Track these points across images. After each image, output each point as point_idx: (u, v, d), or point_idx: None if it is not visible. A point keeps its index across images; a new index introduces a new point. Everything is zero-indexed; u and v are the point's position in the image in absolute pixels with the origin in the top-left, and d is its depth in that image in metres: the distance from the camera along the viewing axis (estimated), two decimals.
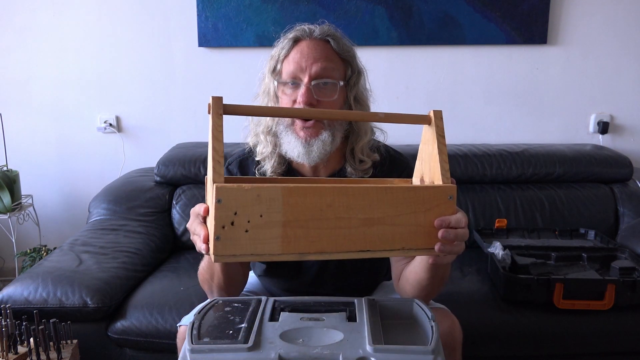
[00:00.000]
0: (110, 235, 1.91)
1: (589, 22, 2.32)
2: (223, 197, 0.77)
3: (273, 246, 0.80)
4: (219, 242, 0.77)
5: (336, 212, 0.81)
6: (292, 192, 0.79)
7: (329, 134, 1.13)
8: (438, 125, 0.92)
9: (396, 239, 0.85)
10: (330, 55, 1.14)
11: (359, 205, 0.82)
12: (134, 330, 1.59)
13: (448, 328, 1.13)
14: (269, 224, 0.79)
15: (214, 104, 0.84)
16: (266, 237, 0.79)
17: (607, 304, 1.56)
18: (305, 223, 0.80)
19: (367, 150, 1.20)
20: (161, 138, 2.44)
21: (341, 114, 1.09)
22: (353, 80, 1.17)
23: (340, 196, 0.82)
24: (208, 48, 2.36)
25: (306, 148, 1.12)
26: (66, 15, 2.36)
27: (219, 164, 0.80)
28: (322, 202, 0.81)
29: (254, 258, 0.80)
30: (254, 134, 1.23)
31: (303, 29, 1.15)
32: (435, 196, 0.86)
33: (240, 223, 0.78)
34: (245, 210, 0.78)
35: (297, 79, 1.12)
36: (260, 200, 0.78)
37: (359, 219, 0.83)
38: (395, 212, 0.84)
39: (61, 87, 2.43)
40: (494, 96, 2.41)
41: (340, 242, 0.82)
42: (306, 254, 0.81)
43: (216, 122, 0.83)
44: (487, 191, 2.14)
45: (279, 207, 0.79)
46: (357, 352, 0.80)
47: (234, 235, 0.78)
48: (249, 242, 0.78)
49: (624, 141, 2.44)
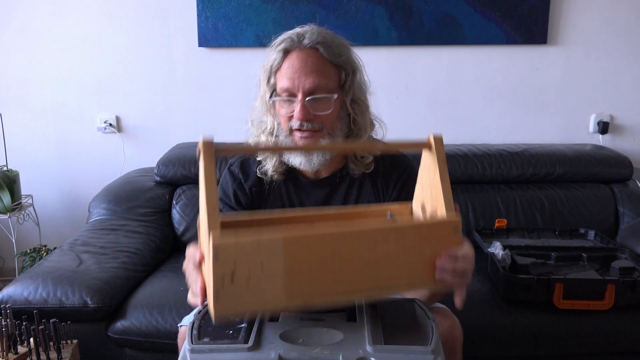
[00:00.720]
0: (110, 235, 1.91)
1: (589, 22, 2.32)
2: (221, 252, 0.73)
3: (276, 297, 0.76)
4: (219, 299, 0.74)
5: (340, 258, 0.79)
6: (294, 243, 0.76)
7: (329, 142, 1.13)
8: (439, 151, 0.88)
9: (402, 277, 0.83)
10: (322, 65, 1.12)
11: (363, 248, 0.80)
12: (134, 330, 1.59)
13: (448, 328, 1.13)
14: (271, 275, 0.75)
15: (205, 149, 0.79)
16: (268, 288, 0.76)
17: (607, 304, 1.56)
18: (308, 271, 0.77)
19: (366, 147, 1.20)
20: (161, 138, 2.44)
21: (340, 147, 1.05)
22: (348, 83, 1.15)
23: (343, 241, 0.79)
24: (208, 48, 2.36)
25: (307, 157, 1.14)
26: (66, 15, 2.36)
27: (213, 214, 0.75)
28: (325, 250, 0.78)
29: (256, 311, 0.78)
30: (255, 136, 1.23)
31: (291, 39, 1.13)
32: (441, 231, 0.84)
33: (241, 277, 0.74)
34: (245, 263, 0.74)
35: (291, 95, 1.12)
36: (261, 252, 0.75)
37: (363, 262, 0.80)
38: (401, 250, 0.82)
39: (61, 87, 2.43)
40: (494, 96, 2.41)
41: (345, 286, 0.80)
42: (310, 301, 0.79)
43: (208, 168, 0.78)
44: (487, 191, 2.14)
45: (281, 258, 0.76)
46: (357, 352, 0.80)
47: (235, 291, 0.74)
48: (250, 296, 0.75)
49: (624, 141, 2.43)
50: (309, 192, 1.21)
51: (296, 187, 1.21)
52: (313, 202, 1.20)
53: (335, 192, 1.21)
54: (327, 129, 1.13)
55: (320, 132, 1.12)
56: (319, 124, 1.12)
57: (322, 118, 1.12)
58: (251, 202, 1.22)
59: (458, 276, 0.87)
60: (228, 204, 1.22)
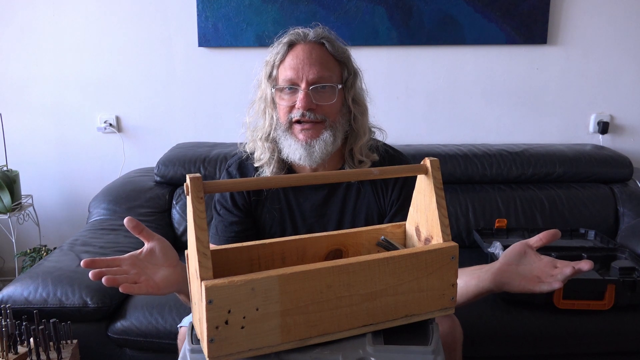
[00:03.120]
0: (110, 235, 1.91)
1: (589, 22, 2.32)
2: (214, 297, 0.70)
3: (272, 338, 0.75)
4: (213, 344, 0.71)
5: (336, 292, 0.77)
6: (289, 280, 0.74)
7: (330, 134, 1.12)
8: (435, 176, 0.86)
9: (399, 308, 0.82)
10: (326, 58, 1.13)
11: (360, 281, 0.78)
12: (134, 330, 1.59)
13: (448, 328, 1.13)
14: (267, 316, 0.73)
15: (193, 186, 0.74)
16: (264, 329, 0.74)
17: (607, 304, 1.56)
18: (304, 308, 0.76)
19: (366, 150, 1.20)
20: (161, 138, 2.44)
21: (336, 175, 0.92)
22: (350, 81, 1.16)
23: (339, 275, 0.77)
24: (208, 48, 2.36)
25: (307, 150, 1.12)
26: (66, 16, 2.36)
27: (205, 257, 0.72)
28: (321, 284, 0.76)
29: (252, 353, 0.75)
30: (251, 141, 1.22)
31: (297, 33, 1.14)
32: (438, 259, 0.83)
33: (235, 320, 0.72)
34: (240, 306, 0.71)
35: (294, 84, 1.12)
36: (255, 293, 0.72)
37: (360, 295, 0.79)
38: (398, 281, 0.81)
39: (61, 87, 2.43)
40: (494, 96, 2.41)
41: (342, 321, 0.79)
42: (307, 339, 0.78)
43: (197, 208, 0.73)
44: (487, 191, 2.14)
45: (276, 297, 0.73)
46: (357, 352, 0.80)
47: (229, 335, 0.72)
48: (245, 339, 0.73)
49: (624, 141, 2.44)
50: (306, 194, 1.20)
51: (294, 190, 1.21)
52: (311, 205, 1.20)
53: (334, 194, 1.20)
54: (330, 121, 1.13)
55: (322, 124, 1.12)
56: (321, 114, 1.12)
57: (325, 109, 1.12)
58: (249, 204, 1.21)
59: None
60: (225, 206, 1.22)
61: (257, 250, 0.90)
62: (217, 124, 2.43)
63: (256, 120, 1.21)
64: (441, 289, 0.85)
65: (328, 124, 1.13)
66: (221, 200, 1.23)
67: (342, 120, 1.16)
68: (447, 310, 0.87)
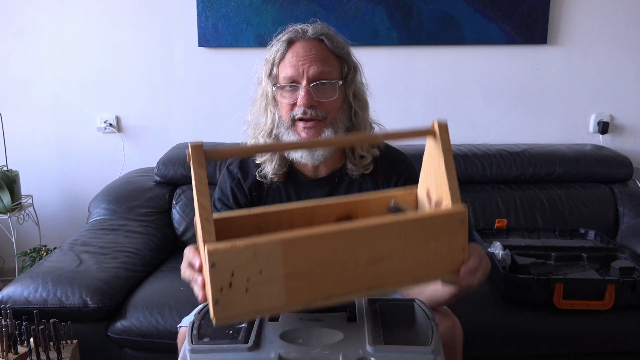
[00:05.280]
0: (110, 235, 1.91)
1: (589, 22, 2.32)
2: (217, 261, 0.71)
3: (276, 300, 0.75)
4: (218, 306, 0.73)
5: (341, 256, 0.76)
6: (292, 244, 0.73)
7: (332, 132, 1.13)
8: (444, 139, 0.83)
9: (406, 272, 0.80)
10: (326, 55, 1.14)
11: (365, 245, 0.77)
12: (134, 330, 1.59)
13: (449, 328, 1.13)
14: (270, 279, 0.73)
15: (194, 153, 0.75)
16: (268, 292, 0.74)
17: (607, 304, 1.56)
18: (308, 272, 0.75)
19: (366, 145, 1.20)
20: (161, 138, 2.44)
21: (341, 141, 1.02)
22: (350, 77, 1.17)
23: (344, 239, 0.76)
24: (208, 48, 2.36)
25: (309, 149, 1.12)
26: (66, 15, 2.36)
27: (207, 222, 0.73)
28: (325, 249, 0.75)
29: (257, 315, 0.76)
30: (252, 138, 1.23)
31: (296, 30, 1.15)
32: (446, 223, 0.81)
33: (239, 283, 0.72)
34: (243, 269, 0.72)
35: (295, 81, 1.12)
36: (258, 257, 0.72)
37: (365, 259, 0.77)
38: (404, 245, 0.79)
39: (61, 87, 2.43)
40: (494, 96, 2.41)
41: (347, 285, 0.77)
42: (313, 302, 0.77)
43: (199, 174, 0.75)
44: (487, 191, 2.14)
45: (279, 261, 0.73)
46: (357, 352, 0.80)
47: (234, 297, 0.73)
48: (250, 301, 0.74)
49: (624, 141, 2.43)
50: (308, 191, 1.21)
51: (296, 187, 1.21)
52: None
53: (335, 191, 1.21)
54: (331, 118, 1.13)
55: (323, 122, 1.12)
56: (322, 112, 1.12)
57: (326, 105, 1.12)
58: (250, 202, 1.21)
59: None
60: (226, 204, 1.22)
61: (265, 218, 0.90)
62: (217, 124, 2.43)
63: (257, 118, 1.22)
64: (450, 253, 0.82)
65: (329, 122, 1.13)
66: (222, 198, 1.23)
67: (342, 116, 1.16)
68: (457, 274, 0.84)
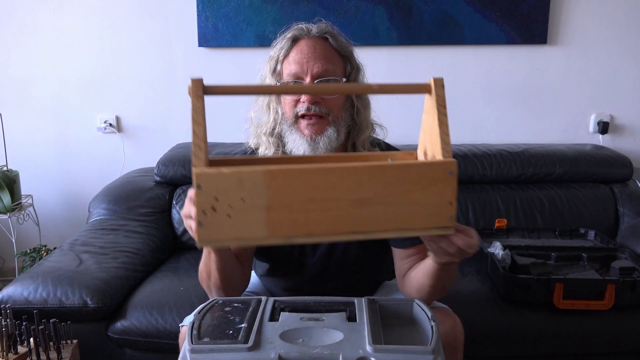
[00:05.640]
0: (110, 235, 1.91)
1: (589, 22, 2.32)
2: (202, 183, 0.75)
3: (258, 230, 0.77)
4: (202, 227, 0.76)
5: (323, 194, 0.77)
6: (275, 175, 0.76)
7: (334, 130, 1.13)
8: (439, 94, 0.86)
9: (390, 220, 0.80)
10: (330, 53, 1.14)
11: (348, 186, 0.78)
12: (134, 330, 1.59)
13: (450, 328, 1.13)
14: (252, 208, 0.76)
15: (194, 86, 0.83)
16: (250, 221, 0.76)
17: (607, 304, 1.55)
18: (290, 206, 0.77)
19: (368, 144, 1.21)
20: (161, 138, 2.44)
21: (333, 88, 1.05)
22: (353, 75, 1.18)
23: (326, 177, 0.77)
24: (208, 48, 2.36)
25: (312, 146, 1.13)
26: (66, 15, 2.36)
27: (199, 149, 0.78)
28: (307, 184, 0.77)
29: (238, 243, 0.79)
30: (255, 136, 1.23)
31: (301, 28, 1.16)
32: (432, 173, 0.80)
33: (222, 208, 0.75)
34: (227, 195, 0.75)
35: (299, 78, 1.13)
36: (242, 184, 0.75)
37: (348, 200, 0.78)
38: (389, 191, 0.78)
39: (61, 87, 2.43)
40: (494, 96, 2.41)
41: (329, 225, 0.78)
42: (294, 237, 0.78)
43: (196, 105, 0.80)
44: (487, 191, 2.14)
45: (262, 191, 0.76)
46: (357, 352, 0.80)
47: (217, 221, 0.76)
48: (232, 227, 0.76)
49: (624, 141, 2.44)
50: None
51: None
52: None
53: None
54: (333, 115, 1.14)
55: (326, 118, 1.13)
56: (325, 108, 1.12)
57: (329, 102, 1.13)
58: None
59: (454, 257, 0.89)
60: None
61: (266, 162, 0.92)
62: (217, 124, 2.43)
63: (260, 116, 1.22)
64: (437, 206, 0.81)
65: (332, 119, 1.13)
66: None
67: (345, 114, 1.17)
68: (444, 229, 0.83)
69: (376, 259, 1.26)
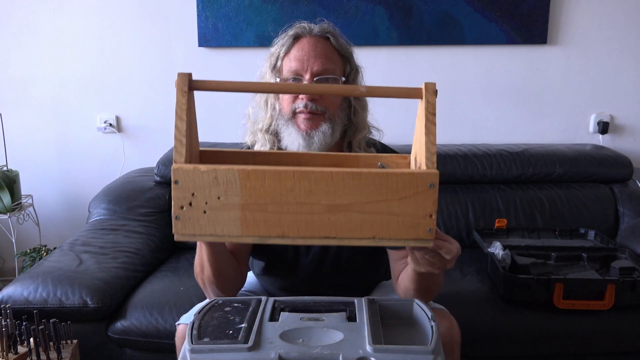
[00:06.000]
0: (110, 235, 1.91)
1: (589, 22, 2.32)
2: (180, 179, 0.77)
3: (232, 228, 0.79)
4: (178, 221, 0.79)
5: (297, 197, 0.78)
6: (250, 175, 0.77)
7: (329, 126, 1.14)
8: (428, 100, 0.83)
9: (365, 228, 0.79)
10: (331, 52, 1.15)
11: (323, 191, 0.78)
12: (134, 330, 1.59)
13: (446, 329, 1.13)
14: (227, 206, 0.78)
15: (180, 80, 0.84)
16: (225, 219, 0.79)
17: (607, 304, 1.56)
18: (264, 207, 0.78)
19: (363, 144, 1.21)
20: (161, 138, 2.44)
21: (322, 88, 1.05)
22: (352, 76, 1.19)
23: (301, 180, 0.78)
24: (208, 48, 2.36)
25: (307, 140, 1.13)
26: (66, 15, 2.36)
27: (180, 144, 0.79)
28: (281, 186, 0.78)
29: (214, 239, 0.80)
30: (251, 133, 1.23)
31: (303, 27, 1.17)
32: (412, 183, 0.78)
33: (198, 204, 0.78)
34: (203, 191, 0.78)
35: (298, 76, 1.13)
36: (218, 182, 0.77)
37: (322, 204, 0.78)
38: (365, 199, 0.78)
39: (61, 87, 2.43)
40: (494, 96, 2.41)
41: (302, 228, 0.79)
42: (267, 237, 0.79)
43: (180, 100, 0.82)
44: (487, 191, 2.14)
45: (237, 190, 0.78)
46: (357, 352, 0.80)
47: (192, 216, 0.78)
48: (207, 223, 0.79)
49: (624, 141, 2.43)
50: None
51: None
52: None
53: None
54: (330, 113, 1.14)
55: (322, 115, 1.13)
56: (322, 107, 1.13)
57: (327, 101, 1.14)
58: None
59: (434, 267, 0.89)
60: None
61: (253, 158, 0.94)
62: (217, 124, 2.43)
63: (257, 112, 1.23)
64: (415, 217, 0.79)
65: (328, 116, 1.14)
66: None
67: (341, 114, 1.17)
68: (422, 241, 0.81)
69: (370, 259, 1.26)
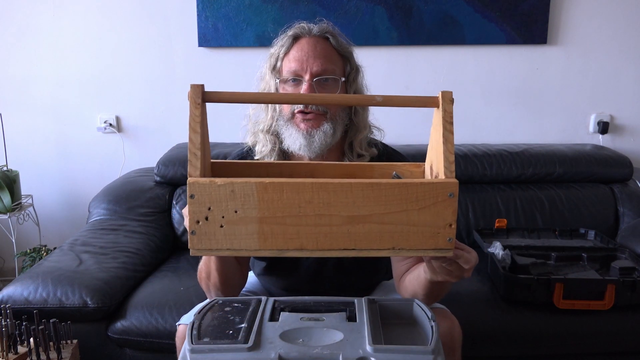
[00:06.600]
0: (110, 235, 1.91)
1: (589, 22, 2.32)
2: (196, 193, 0.76)
3: (250, 242, 0.78)
4: (195, 236, 0.77)
5: (316, 209, 0.77)
6: (268, 188, 0.76)
7: (330, 126, 1.14)
8: (446, 109, 0.83)
9: (385, 239, 0.79)
10: (330, 52, 1.15)
11: (342, 203, 0.77)
12: (134, 330, 1.59)
13: (447, 329, 1.13)
14: (245, 219, 0.77)
15: (193, 93, 0.81)
16: (242, 232, 0.77)
17: (607, 304, 1.56)
18: (282, 219, 0.77)
19: (365, 144, 1.21)
20: (161, 138, 2.44)
21: (335, 98, 1.04)
22: (352, 76, 1.19)
23: (319, 192, 0.76)
24: (208, 48, 2.36)
25: (307, 139, 1.13)
26: (66, 15, 2.36)
27: (195, 157, 0.78)
28: (299, 199, 0.76)
29: (231, 253, 0.79)
30: (252, 133, 1.23)
31: (302, 27, 1.17)
32: (431, 193, 0.78)
33: (215, 218, 0.77)
34: (219, 205, 0.76)
35: (298, 76, 1.13)
36: (235, 196, 0.76)
37: (341, 216, 0.77)
38: (384, 209, 0.77)
39: (61, 87, 2.43)
40: (494, 96, 2.41)
41: (321, 240, 0.78)
42: (285, 251, 0.78)
43: (193, 112, 0.80)
44: (487, 191, 2.14)
45: (254, 203, 0.76)
46: (357, 352, 0.80)
47: (209, 230, 0.77)
48: (224, 237, 0.77)
49: (624, 141, 2.43)
50: None
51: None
52: None
53: None
54: (331, 113, 1.14)
55: (323, 116, 1.13)
56: (323, 107, 1.13)
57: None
58: None
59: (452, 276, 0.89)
60: None
61: (265, 169, 0.93)
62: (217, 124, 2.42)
63: (258, 113, 1.22)
64: (435, 227, 0.79)
65: (329, 116, 1.14)
66: None
67: (342, 114, 1.17)
68: (442, 251, 0.81)
69: (372, 259, 1.26)
